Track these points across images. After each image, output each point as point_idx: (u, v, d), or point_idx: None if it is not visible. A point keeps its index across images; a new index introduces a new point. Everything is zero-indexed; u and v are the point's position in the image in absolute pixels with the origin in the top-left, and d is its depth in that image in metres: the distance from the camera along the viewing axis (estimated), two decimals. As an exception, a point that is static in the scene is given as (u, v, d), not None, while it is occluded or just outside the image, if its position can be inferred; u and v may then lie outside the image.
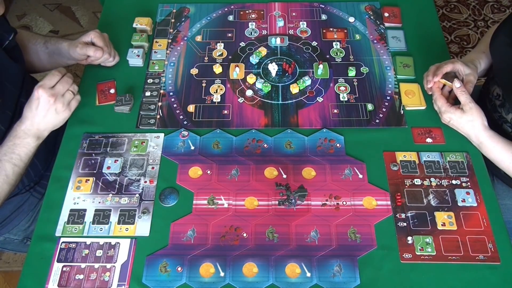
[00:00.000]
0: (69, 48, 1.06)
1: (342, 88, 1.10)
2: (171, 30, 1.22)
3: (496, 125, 1.03)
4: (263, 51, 1.16)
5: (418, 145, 1.00)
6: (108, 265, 0.86)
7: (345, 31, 1.21)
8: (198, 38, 1.21)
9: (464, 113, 0.94)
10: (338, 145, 1.00)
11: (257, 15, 1.26)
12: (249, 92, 1.09)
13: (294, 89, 1.09)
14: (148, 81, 1.12)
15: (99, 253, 0.87)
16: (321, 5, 1.27)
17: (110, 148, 1.00)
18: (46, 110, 0.91)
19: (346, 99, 1.08)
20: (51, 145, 1.11)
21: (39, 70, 1.18)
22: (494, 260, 0.85)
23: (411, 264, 0.85)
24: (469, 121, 0.94)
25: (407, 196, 0.93)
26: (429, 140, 1.00)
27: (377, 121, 1.04)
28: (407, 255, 0.86)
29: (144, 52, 1.16)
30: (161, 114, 1.06)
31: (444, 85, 1.01)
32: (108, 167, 0.97)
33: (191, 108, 1.07)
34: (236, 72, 1.13)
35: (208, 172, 0.97)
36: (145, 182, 0.95)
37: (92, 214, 0.91)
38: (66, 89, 0.93)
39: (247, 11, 1.26)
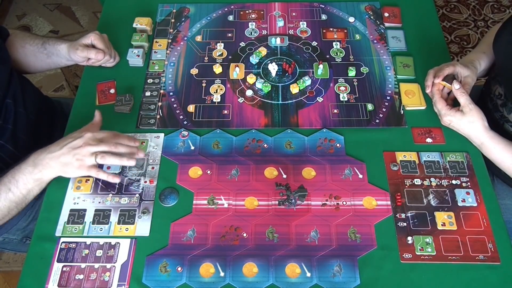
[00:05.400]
0: (69, 50, 1.06)
1: (342, 88, 1.10)
2: (171, 30, 1.22)
3: (497, 125, 1.03)
4: (263, 51, 1.16)
5: (418, 145, 1.00)
6: (108, 265, 0.86)
7: (345, 31, 1.21)
8: (198, 38, 1.21)
9: (464, 115, 0.94)
10: (338, 145, 1.00)
11: (257, 15, 1.26)
12: (249, 92, 1.09)
13: (294, 89, 1.09)
14: (148, 81, 1.12)
15: (99, 253, 0.87)
16: (321, 5, 1.27)
17: (110, 148, 1.00)
18: (71, 154, 0.85)
19: (346, 99, 1.08)
20: (44, 143, 1.11)
21: (37, 71, 1.18)
22: (494, 260, 0.85)
23: (411, 264, 0.85)
24: (470, 123, 0.94)
25: (407, 196, 0.93)
26: (429, 140, 1.00)
27: (377, 121, 1.04)
28: (407, 255, 0.86)
29: (144, 52, 1.16)
30: (161, 114, 1.06)
31: (443, 87, 1.01)
32: (108, 167, 0.97)
33: (191, 108, 1.07)
34: (236, 72, 1.13)
35: (208, 172, 0.97)
36: (145, 182, 0.95)
37: (92, 214, 0.91)
38: (108, 149, 0.87)
39: (247, 11, 1.26)
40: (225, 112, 1.06)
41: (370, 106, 1.06)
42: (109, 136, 0.89)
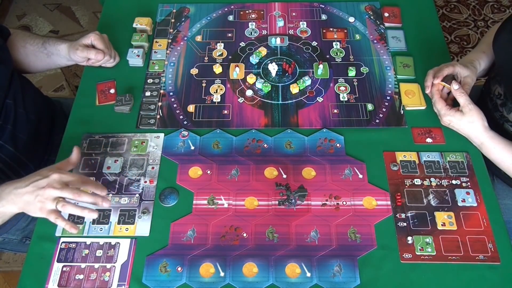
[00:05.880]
0: (69, 50, 1.06)
1: (342, 88, 1.10)
2: (171, 30, 1.22)
3: (497, 125, 1.03)
4: (263, 51, 1.16)
5: (418, 145, 1.00)
6: (108, 265, 0.86)
7: (345, 31, 1.21)
8: (198, 38, 1.21)
9: (463, 115, 0.94)
10: (338, 145, 1.00)
11: (257, 15, 1.26)
12: (249, 92, 1.09)
13: (294, 89, 1.09)
14: (148, 81, 1.12)
15: (99, 253, 0.87)
16: (321, 5, 1.27)
17: (110, 148, 1.00)
18: (34, 195, 0.79)
19: (346, 99, 1.08)
20: (44, 143, 1.11)
21: (37, 71, 1.18)
22: (494, 260, 0.85)
23: (411, 264, 0.85)
24: (469, 123, 0.94)
25: (407, 196, 0.93)
26: (429, 140, 1.00)
27: (377, 121, 1.04)
28: (407, 255, 0.86)
29: (144, 52, 1.16)
30: (161, 114, 1.06)
31: (443, 87, 1.01)
32: (108, 167, 0.97)
33: (191, 108, 1.07)
34: (236, 72, 1.13)
35: (208, 172, 0.97)
36: (145, 182, 0.95)
37: (92, 214, 0.91)
38: (71, 196, 0.80)
39: (247, 11, 1.26)
40: (225, 112, 1.06)
41: (370, 106, 1.06)
42: (76, 180, 0.83)
